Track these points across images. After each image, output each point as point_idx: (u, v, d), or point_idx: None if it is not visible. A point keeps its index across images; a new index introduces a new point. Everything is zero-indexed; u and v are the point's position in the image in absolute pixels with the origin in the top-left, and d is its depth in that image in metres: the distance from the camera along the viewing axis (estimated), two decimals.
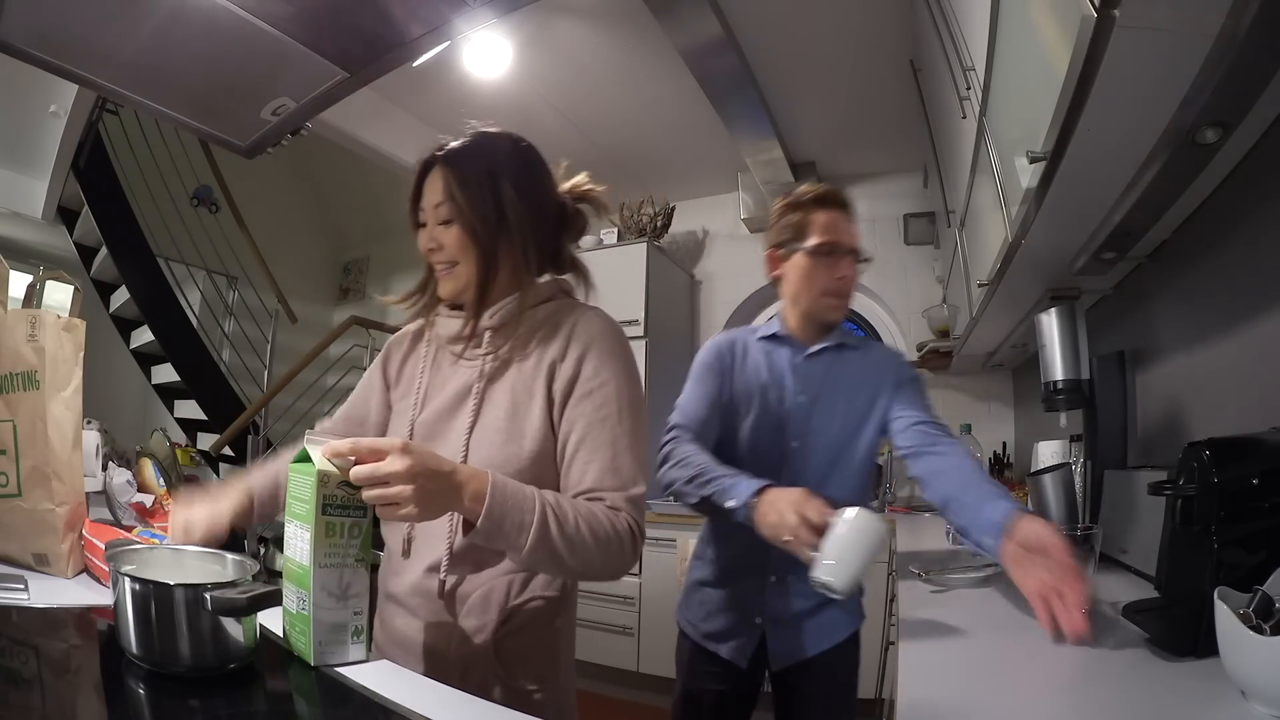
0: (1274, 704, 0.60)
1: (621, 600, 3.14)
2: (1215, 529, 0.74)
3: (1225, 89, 0.79)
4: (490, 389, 0.95)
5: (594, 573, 0.86)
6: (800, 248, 1.31)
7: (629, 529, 0.86)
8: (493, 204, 0.93)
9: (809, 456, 1.29)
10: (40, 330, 1.01)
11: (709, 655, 1.33)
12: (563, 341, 0.94)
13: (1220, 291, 1.19)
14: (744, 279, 3.85)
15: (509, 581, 0.92)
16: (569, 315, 0.96)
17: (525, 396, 0.93)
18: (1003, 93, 1.29)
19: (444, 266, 0.96)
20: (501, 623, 0.90)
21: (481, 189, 0.93)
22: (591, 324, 0.95)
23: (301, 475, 0.75)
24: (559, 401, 0.91)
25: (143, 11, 1.38)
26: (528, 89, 3.06)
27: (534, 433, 0.91)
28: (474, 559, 0.92)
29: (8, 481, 1.01)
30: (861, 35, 2.57)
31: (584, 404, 0.90)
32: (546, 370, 0.92)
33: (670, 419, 1.29)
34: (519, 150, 1.00)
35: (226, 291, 4.85)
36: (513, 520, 0.78)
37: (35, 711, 0.59)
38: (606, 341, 0.94)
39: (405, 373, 1.06)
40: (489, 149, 0.98)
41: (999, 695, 0.72)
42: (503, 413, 0.93)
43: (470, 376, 0.96)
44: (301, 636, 0.73)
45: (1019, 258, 1.36)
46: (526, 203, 0.96)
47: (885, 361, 1.35)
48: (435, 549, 0.93)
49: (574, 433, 0.90)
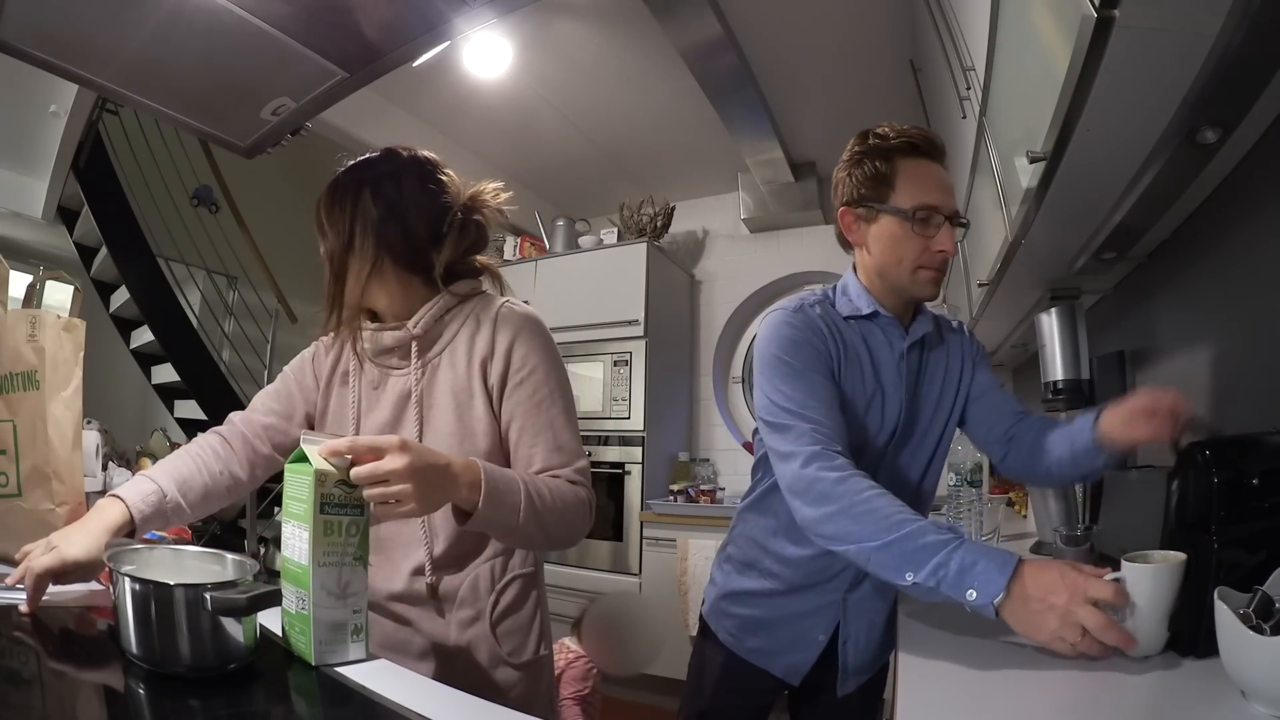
0: (1274, 704, 0.60)
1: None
2: (1215, 529, 0.74)
3: (1225, 89, 0.79)
4: (429, 394, 0.99)
5: (563, 541, 0.93)
6: (887, 209, 1.05)
7: (586, 497, 0.94)
8: (352, 231, 0.96)
9: (907, 454, 1.12)
10: (40, 330, 1.01)
11: (753, 670, 1.18)
12: (488, 337, 0.98)
13: (1220, 291, 1.19)
14: (744, 279, 3.85)
15: (491, 566, 0.98)
16: (488, 311, 1.00)
17: (466, 395, 0.97)
18: (1003, 93, 1.28)
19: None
20: (494, 606, 0.97)
21: (345, 224, 0.96)
22: (510, 320, 0.99)
23: (298, 475, 0.75)
24: (496, 395, 0.97)
25: (143, 11, 1.38)
26: (528, 89, 3.06)
27: (483, 428, 0.96)
28: (456, 554, 0.97)
29: (8, 481, 1.01)
30: (861, 35, 2.57)
31: (518, 392, 0.96)
32: (480, 367, 0.97)
33: (782, 417, 0.97)
34: (389, 172, 0.99)
35: (226, 291, 4.85)
36: (507, 502, 0.82)
37: (35, 711, 0.59)
38: (527, 333, 0.98)
39: (333, 388, 1.06)
40: (356, 177, 0.99)
41: (999, 695, 0.72)
42: (450, 415, 0.97)
43: (405, 385, 1.00)
44: (301, 637, 0.73)
45: (1019, 258, 1.36)
46: (403, 222, 0.96)
47: (959, 338, 1.20)
48: (414, 552, 0.97)
49: (515, 420, 0.96)
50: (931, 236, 1.03)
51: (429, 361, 1.00)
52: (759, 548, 1.18)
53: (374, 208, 0.96)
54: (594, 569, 3.31)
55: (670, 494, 3.39)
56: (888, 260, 1.07)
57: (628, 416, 3.40)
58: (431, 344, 1.00)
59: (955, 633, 0.94)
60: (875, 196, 1.06)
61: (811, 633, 1.15)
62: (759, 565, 1.18)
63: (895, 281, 1.08)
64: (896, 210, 1.04)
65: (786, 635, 1.16)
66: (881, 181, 1.05)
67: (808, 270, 3.70)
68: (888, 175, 1.05)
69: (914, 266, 1.05)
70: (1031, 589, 0.74)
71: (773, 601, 1.16)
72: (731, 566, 1.23)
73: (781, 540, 1.14)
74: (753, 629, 1.18)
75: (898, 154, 1.05)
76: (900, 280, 1.07)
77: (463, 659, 0.95)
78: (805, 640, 1.15)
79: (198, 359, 4.32)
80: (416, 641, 0.97)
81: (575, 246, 3.83)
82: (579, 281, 3.61)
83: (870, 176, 1.06)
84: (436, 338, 1.00)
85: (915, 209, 1.03)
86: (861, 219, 1.09)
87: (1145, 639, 0.77)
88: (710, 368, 3.89)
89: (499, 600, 0.98)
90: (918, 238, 1.03)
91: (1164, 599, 0.76)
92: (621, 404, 3.41)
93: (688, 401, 3.88)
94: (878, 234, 1.07)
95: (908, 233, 1.04)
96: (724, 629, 1.22)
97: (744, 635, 1.19)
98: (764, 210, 3.68)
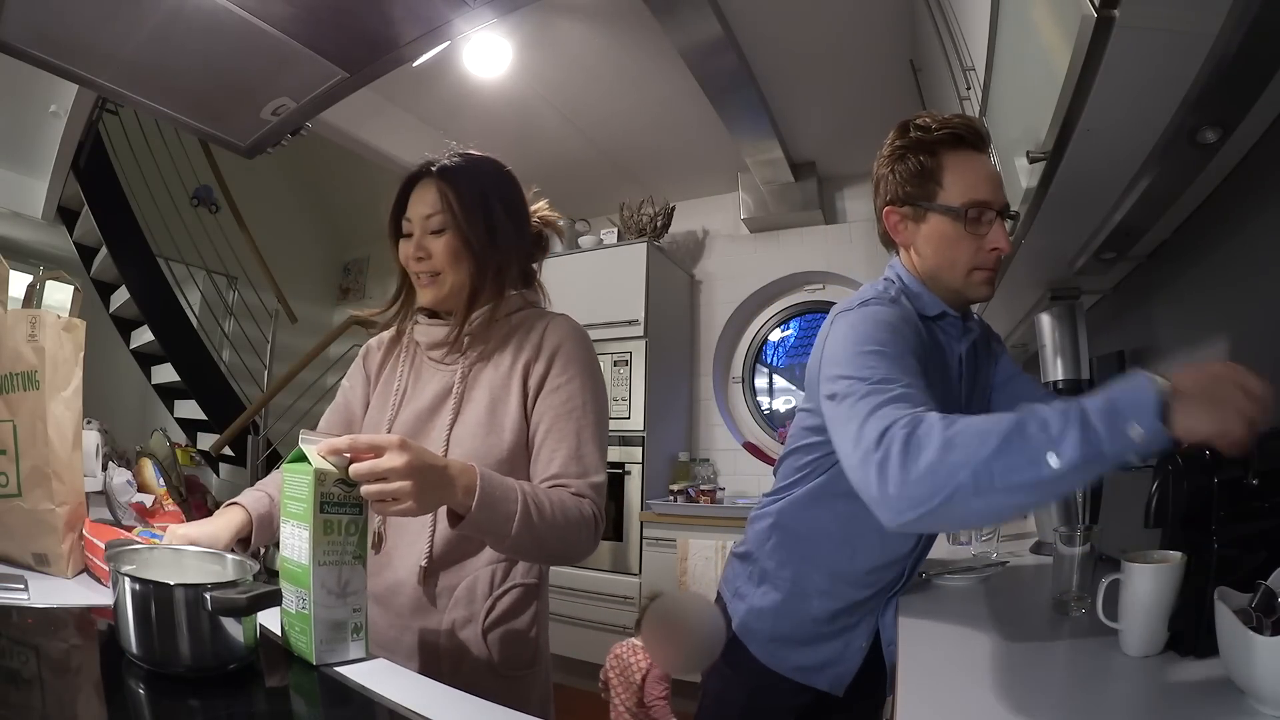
0: (1274, 704, 0.60)
1: (621, 600, 3.14)
2: (1215, 529, 0.74)
3: (1225, 89, 0.79)
4: (470, 389, 1.01)
5: (563, 557, 0.93)
6: (936, 208, 0.98)
7: (593, 515, 0.93)
8: (484, 222, 1.00)
9: None
10: (40, 330, 1.01)
11: (796, 687, 1.10)
12: (535, 344, 1.01)
13: (1220, 291, 1.19)
14: (744, 279, 3.85)
15: (491, 572, 0.97)
16: (539, 321, 1.04)
17: (502, 394, 1.00)
18: (1003, 93, 1.28)
19: (428, 276, 1.01)
20: (488, 611, 0.96)
21: (476, 207, 1.00)
22: (560, 328, 1.03)
23: (297, 475, 0.75)
24: (532, 396, 0.99)
25: (143, 11, 1.38)
26: (528, 89, 3.06)
27: (512, 425, 0.98)
28: (456, 554, 0.97)
29: (8, 481, 1.01)
30: (861, 35, 2.57)
31: (552, 397, 0.98)
32: (522, 370, 1.00)
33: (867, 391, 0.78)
34: (505, 175, 1.07)
35: (226, 291, 4.85)
36: (500, 510, 0.82)
37: (35, 711, 0.59)
38: (573, 344, 1.02)
39: (384, 375, 1.11)
40: (480, 170, 1.05)
41: (999, 695, 0.72)
42: (483, 409, 0.99)
43: (450, 379, 1.03)
44: (302, 637, 0.73)
45: (1019, 258, 1.36)
46: (514, 223, 1.04)
47: (987, 329, 1.17)
48: (414, 548, 0.97)
49: (542, 423, 0.98)
50: (984, 235, 0.97)
51: (475, 359, 1.03)
52: (804, 561, 1.09)
53: (502, 212, 1.02)
54: (594, 569, 3.31)
55: (670, 494, 3.39)
56: (940, 263, 1.01)
57: (628, 416, 3.40)
58: (482, 342, 1.03)
59: (955, 633, 0.94)
60: (923, 194, 0.99)
61: (856, 641, 1.10)
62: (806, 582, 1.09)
63: (949, 284, 1.02)
64: (946, 209, 0.97)
65: (832, 649, 1.09)
66: (928, 178, 0.98)
67: (808, 270, 3.70)
68: (934, 170, 0.98)
69: (968, 268, 0.99)
70: (1182, 386, 0.62)
71: (824, 610, 1.09)
72: (768, 584, 1.12)
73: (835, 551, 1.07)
74: (798, 644, 1.10)
75: (943, 147, 0.98)
76: (955, 283, 1.01)
77: (449, 661, 0.94)
78: (851, 650, 1.09)
79: (198, 359, 4.32)
80: (406, 639, 0.96)
81: (575, 246, 3.83)
82: (579, 281, 3.61)
83: (915, 173, 0.99)
84: (488, 337, 1.03)
85: (966, 206, 0.96)
86: (908, 219, 1.02)
87: (1145, 639, 0.77)
88: (710, 368, 3.89)
89: (495, 606, 0.97)
90: (970, 237, 0.97)
91: (1164, 599, 0.77)
92: (621, 404, 3.41)
93: (688, 401, 3.88)
94: (928, 235, 1.01)
95: (960, 233, 0.97)
96: (769, 654, 1.11)
97: (787, 653, 1.10)
98: (764, 210, 3.68)
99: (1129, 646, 0.79)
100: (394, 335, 1.13)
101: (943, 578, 1.27)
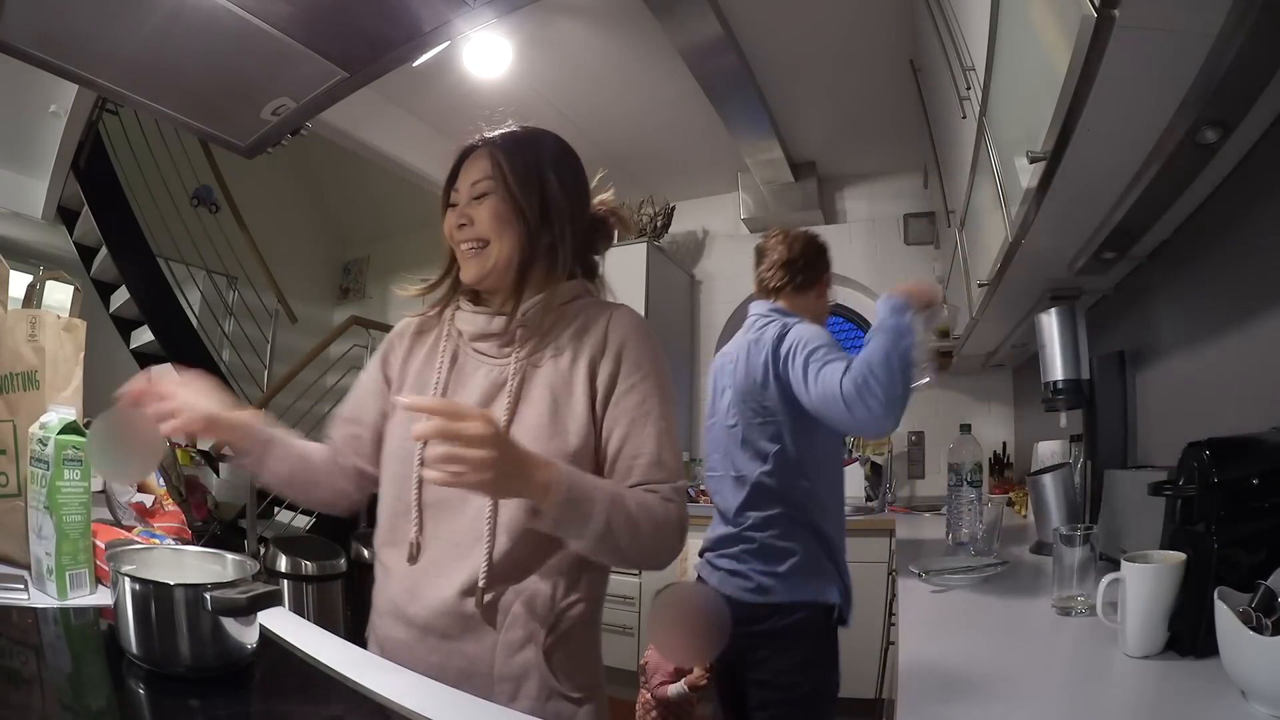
0: (1274, 704, 0.60)
1: (621, 600, 3.14)
2: (1215, 529, 0.74)
3: (1225, 89, 0.79)
4: (526, 386, 0.91)
5: (645, 561, 0.88)
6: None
7: (680, 519, 0.87)
8: (538, 193, 0.91)
9: None
10: (40, 330, 1.01)
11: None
12: (599, 337, 0.92)
13: (1220, 291, 1.19)
14: (744, 279, 3.82)
15: (553, 584, 0.86)
16: (601, 312, 0.94)
17: (565, 393, 0.90)
18: (1003, 93, 1.29)
19: (472, 246, 0.91)
20: (549, 630, 0.85)
21: (530, 175, 0.91)
22: (625, 320, 0.94)
23: None
24: (601, 397, 0.90)
25: (143, 11, 1.38)
26: (528, 89, 3.06)
27: (578, 429, 0.88)
28: (513, 567, 0.85)
29: (8, 481, 1.01)
30: (861, 35, 2.57)
31: (626, 399, 0.90)
32: (587, 366, 0.90)
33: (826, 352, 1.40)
34: (564, 149, 0.98)
35: (226, 291, 4.85)
36: (582, 508, 0.77)
37: (35, 711, 0.59)
38: (641, 336, 0.93)
39: (410, 371, 0.99)
40: (537, 141, 0.96)
41: (998, 695, 0.72)
42: (544, 409, 0.89)
43: (501, 374, 0.92)
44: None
45: (1019, 258, 1.36)
46: (569, 199, 0.94)
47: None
48: (466, 562, 0.85)
49: (618, 427, 0.89)
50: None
51: (531, 353, 0.92)
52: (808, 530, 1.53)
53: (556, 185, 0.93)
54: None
55: None
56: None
57: None
58: (535, 335, 0.93)
59: (955, 633, 0.94)
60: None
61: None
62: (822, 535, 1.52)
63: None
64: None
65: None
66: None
67: None
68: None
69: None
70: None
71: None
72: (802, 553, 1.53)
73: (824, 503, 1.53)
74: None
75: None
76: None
77: (505, 687, 0.83)
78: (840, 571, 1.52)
79: (198, 359, 4.31)
80: (454, 664, 0.84)
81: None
82: None
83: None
84: (542, 330, 0.93)
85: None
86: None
87: (1145, 639, 0.77)
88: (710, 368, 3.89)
89: (557, 624, 0.86)
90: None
91: (1164, 599, 0.77)
92: None
93: (688, 401, 3.88)
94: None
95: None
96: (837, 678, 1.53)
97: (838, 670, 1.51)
98: (764, 210, 3.68)
99: (1129, 646, 0.80)
100: (418, 328, 1.02)
101: (942, 578, 1.27)
